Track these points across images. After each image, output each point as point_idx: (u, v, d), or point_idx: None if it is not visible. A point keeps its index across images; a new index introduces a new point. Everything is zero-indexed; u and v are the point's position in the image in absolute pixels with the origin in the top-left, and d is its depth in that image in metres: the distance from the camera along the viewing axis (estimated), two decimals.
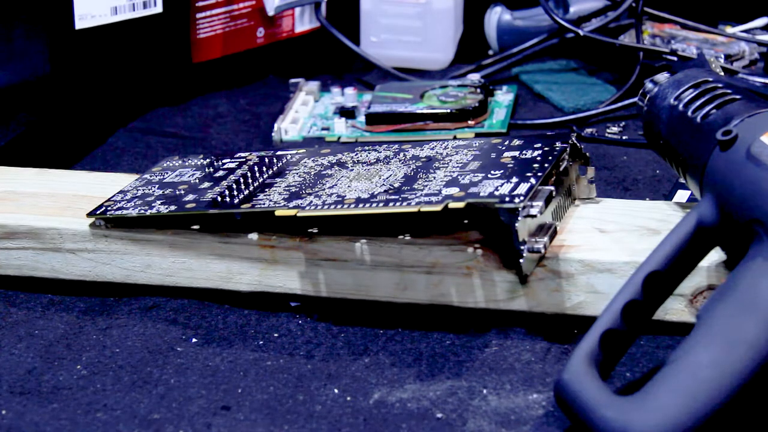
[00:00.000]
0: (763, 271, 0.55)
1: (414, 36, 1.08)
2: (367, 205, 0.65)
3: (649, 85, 0.69)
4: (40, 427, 0.60)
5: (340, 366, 0.64)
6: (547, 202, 0.64)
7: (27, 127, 0.90)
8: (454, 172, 0.68)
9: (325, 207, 0.66)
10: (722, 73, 0.69)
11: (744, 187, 0.59)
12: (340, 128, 0.94)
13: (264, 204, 0.68)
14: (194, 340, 0.68)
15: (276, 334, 0.68)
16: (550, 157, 0.68)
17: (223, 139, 0.95)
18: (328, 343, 0.67)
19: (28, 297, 0.73)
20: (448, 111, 0.92)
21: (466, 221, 0.67)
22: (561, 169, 0.69)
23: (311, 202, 0.67)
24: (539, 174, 0.66)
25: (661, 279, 0.59)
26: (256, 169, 0.74)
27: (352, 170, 0.71)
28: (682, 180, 0.67)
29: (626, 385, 0.61)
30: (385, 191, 0.67)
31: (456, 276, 0.66)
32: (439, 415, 0.60)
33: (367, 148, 0.76)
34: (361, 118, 0.95)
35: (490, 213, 0.64)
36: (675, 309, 0.64)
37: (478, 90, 0.95)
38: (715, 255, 0.62)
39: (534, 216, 0.63)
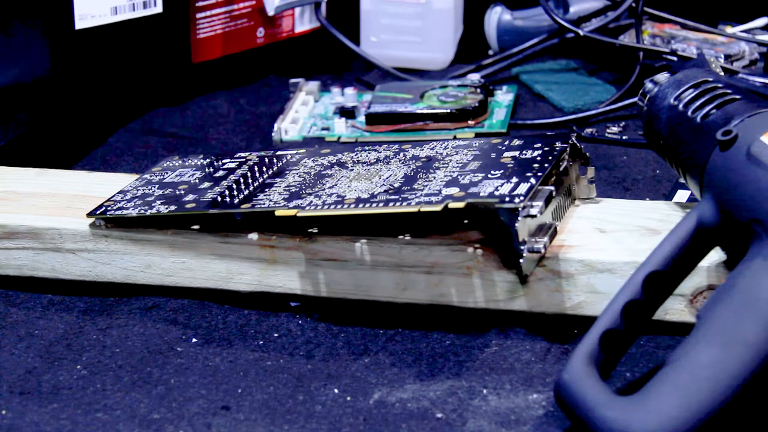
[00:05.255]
0: (763, 270, 0.55)
1: (414, 36, 1.08)
2: (367, 205, 0.65)
3: (649, 85, 0.69)
4: (40, 427, 0.60)
5: (340, 366, 0.64)
6: (547, 202, 0.64)
7: (27, 127, 0.90)
8: (454, 172, 0.68)
9: (325, 207, 0.66)
10: (722, 73, 0.69)
11: (744, 187, 0.59)
12: (340, 128, 0.94)
13: (264, 204, 0.68)
14: (194, 340, 0.68)
15: (276, 334, 0.68)
16: (550, 157, 0.68)
17: (223, 139, 0.95)
18: (328, 343, 0.67)
19: (28, 297, 0.73)
20: (448, 111, 0.92)
21: (466, 221, 0.67)
22: (561, 169, 0.69)
23: (311, 202, 0.67)
24: (539, 174, 0.66)
25: (661, 279, 0.59)
26: (256, 169, 0.74)
27: (352, 170, 0.71)
28: (682, 180, 0.67)
29: (626, 385, 0.61)
30: (385, 191, 0.67)
31: (456, 276, 0.66)
32: (439, 415, 0.60)
33: (367, 148, 0.76)
34: (361, 118, 0.95)
35: (490, 213, 0.64)
36: (675, 309, 0.64)
37: (478, 90, 0.95)
38: (715, 255, 0.62)
39: (534, 216, 0.63)
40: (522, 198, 0.63)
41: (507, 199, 0.63)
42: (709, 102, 0.64)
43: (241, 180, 0.73)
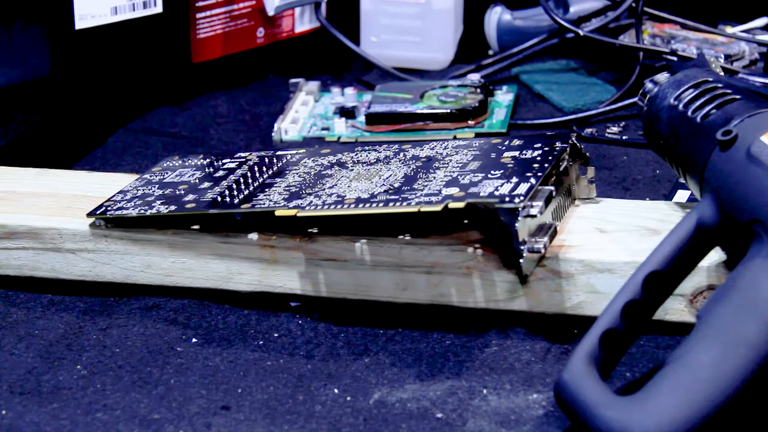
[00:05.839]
0: (763, 270, 0.55)
1: (414, 36, 1.08)
2: (367, 205, 0.65)
3: (649, 85, 0.69)
4: (40, 427, 0.60)
5: (340, 366, 0.64)
6: (547, 202, 0.64)
7: (27, 127, 0.90)
8: (454, 172, 0.68)
9: (325, 207, 0.66)
10: (722, 73, 0.69)
11: (744, 187, 0.59)
12: (340, 128, 0.94)
13: (264, 204, 0.68)
14: (194, 340, 0.68)
15: (276, 334, 0.68)
16: (550, 157, 0.68)
17: (223, 139, 0.95)
18: (328, 343, 0.67)
19: (28, 297, 0.73)
20: (448, 111, 0.92)
21: (466, 221, 0.67)
22: (561, 169, 0.69)
23: (311, 202, 0.67)
24: (539, 174, 0.66)
25: (661, 279, 0.59)
26: (256, 169, 0.74)
27: (352, 170, 0.71)
28: (682, 180, 0.67)
29: (626, 385, 0.61)
30: (385, 191, 0.67)
31: (456, 276, 0.66)
32: (439, 415, 0.60)
33: (367, 148, 0.76)
34: (361, 118, 0.95)
35: (490, 213, 0.64)
36: (675, 309, 0.64)
37: (478, 90, 0.95)
38: (715, 255, 0.62)
39: (534, 216, 0.63)
40: (522, 198, 0.62)
41: (507, 199, 0.63)
42: (709, 102, 0.64)
43: (241, 180, 0.73)
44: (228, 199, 0.70)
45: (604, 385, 0.55)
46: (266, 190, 0.70)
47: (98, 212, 0.72)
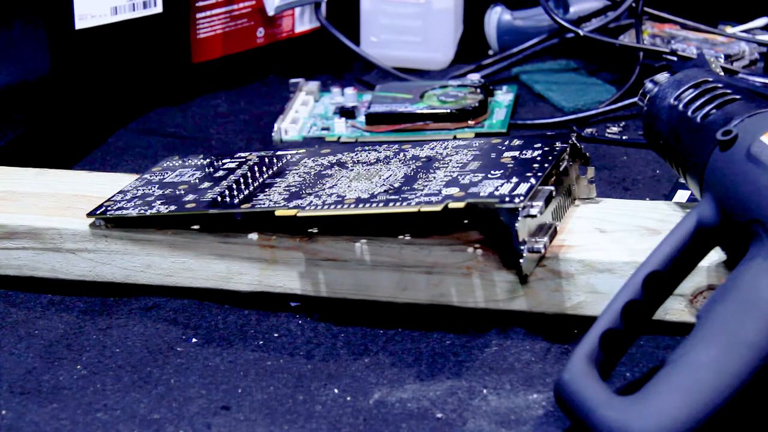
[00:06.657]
0: (763, 270, 0.55)
1: (414, 36, 1.08)
2: (367, 205, 0.65)
3: (649, 85, 0.69)
4: (40, 427, 0.60)
5: (340, 366, 0.64)
6: (547, 202, 0.64)
7: (27, 127, 0.90)
8: (454, 172, 0.68)
9: (325, 207, 0.66)
10: (722, 73, 0.69)
11: (744, 187, 0.59)
12: (340, 128, 0.94)
13: (264, 204, 0.68)
14: (194, 340, 0.68)
15: (276, 334, 0.68)
16: (550, 157, 0.68)
17: (223, 139, 0.95)
18: (328, 343, 0.67)
19: (28, 297, 0.73)
20: (448, 111, 0.92)
21: (466, 221, 0.67)
22: (561, 169, 0.69)
23: (311, 202, 0.67)
24: (539, 174, 0.66)
25: (661, 279, 0.59)
26: (256, 169, 0.74)
27: (352, 170, 0.71)
28: (682, 180, 0.67)
29: (626, 385, 0.61)
30: (385, 191, 0.67)
31: (456, 276, 0.66)
32: (439, 415, 0.60)
33: (367, 148, 0.76)
34: (361, 118, 0.95)
35: (490, 213, 0.64)
36: (675, 309, 0.64)
37: (478, 90, 0.95)
38: (715, 255, 0.62)
39: (534, 216, 0.63)
40: (522, 198, 0.62)
41: (507, 199, 0.63)
42: (709, 102, 0.64)
43: (241, 180, 0.73)
44: (228, 199, 0.70)
45: (604, 385, 0.55)
46: (266, 190, 0.70)
47: (98, 212, 0.72)
